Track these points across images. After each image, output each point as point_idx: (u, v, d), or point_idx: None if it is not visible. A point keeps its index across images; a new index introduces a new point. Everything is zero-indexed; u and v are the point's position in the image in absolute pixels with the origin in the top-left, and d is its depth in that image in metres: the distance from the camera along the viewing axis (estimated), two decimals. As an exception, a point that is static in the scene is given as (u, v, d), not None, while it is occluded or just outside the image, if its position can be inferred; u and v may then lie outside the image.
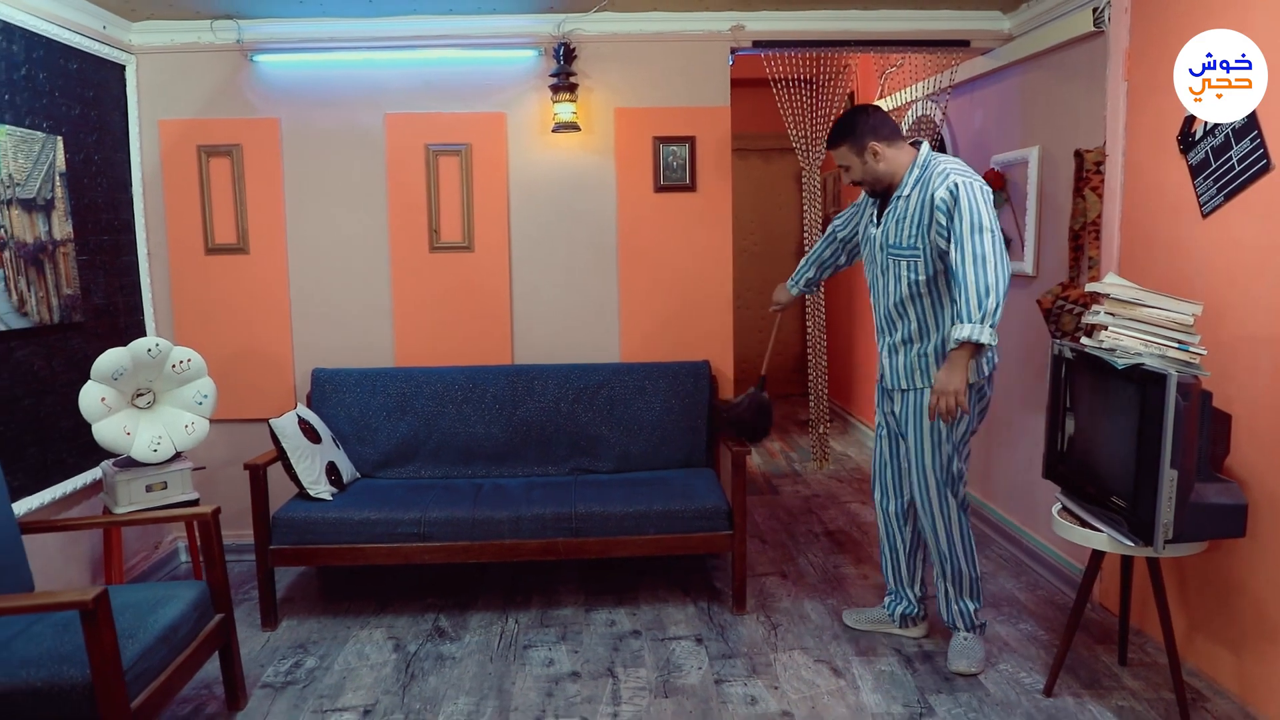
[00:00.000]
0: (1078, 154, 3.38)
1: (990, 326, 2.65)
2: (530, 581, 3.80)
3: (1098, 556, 2.76)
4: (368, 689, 2.96)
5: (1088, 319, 2.71)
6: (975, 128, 4.52)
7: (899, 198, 2.92)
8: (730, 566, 3.55)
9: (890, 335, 3.03)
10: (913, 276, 2.90)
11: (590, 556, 3.47)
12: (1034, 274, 3.85)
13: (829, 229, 3.40)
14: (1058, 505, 2.89)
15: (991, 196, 2.82)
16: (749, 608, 3.51)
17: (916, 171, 2.90)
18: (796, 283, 3.47)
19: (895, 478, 3.16)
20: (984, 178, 4.09)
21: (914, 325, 2.95)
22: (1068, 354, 2.84)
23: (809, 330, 5.47)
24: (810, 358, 5.46)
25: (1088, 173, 3.35)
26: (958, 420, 2.87)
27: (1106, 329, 2.59)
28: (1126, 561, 2.96)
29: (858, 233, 3.24)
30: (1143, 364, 2.46)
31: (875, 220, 3.04)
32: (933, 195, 2.80)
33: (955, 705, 2.80)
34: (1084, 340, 2.74)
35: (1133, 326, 2.54)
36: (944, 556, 3.03)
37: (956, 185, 2.76)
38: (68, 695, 2.14)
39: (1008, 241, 4.07)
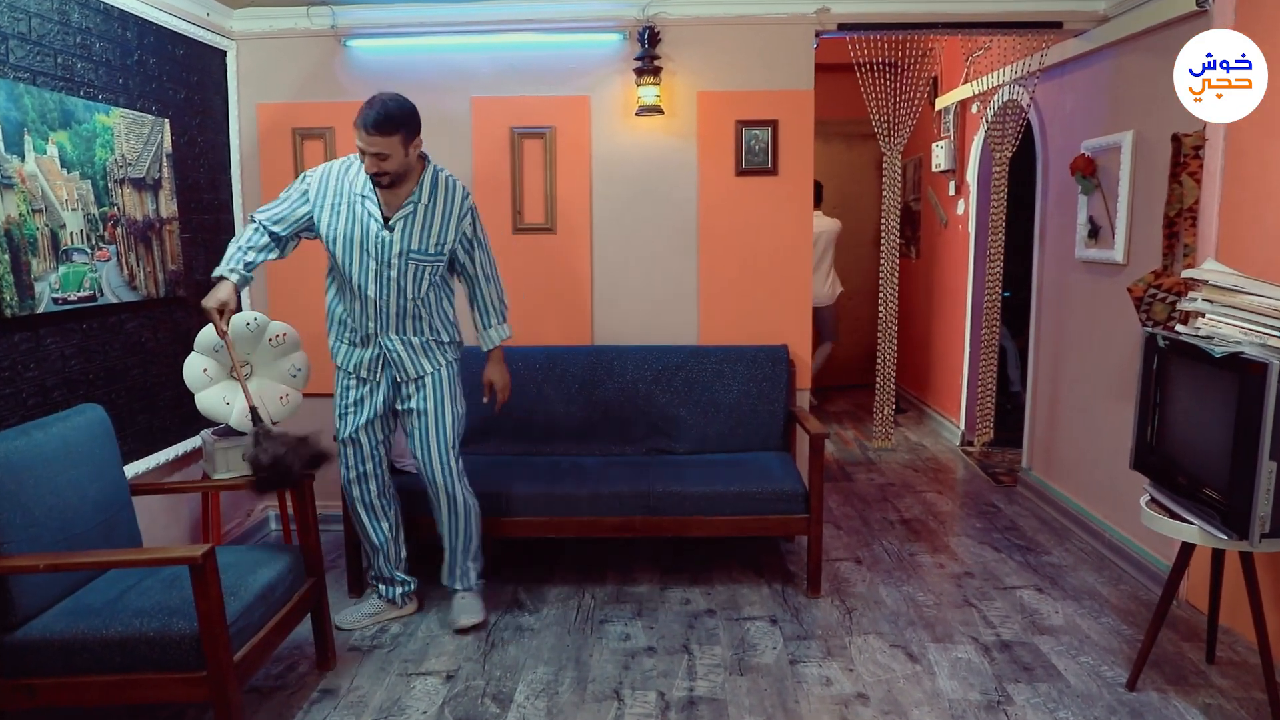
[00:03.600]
0: (1175, 138, 3.28)
1: (508, 324, 3.26)
2: (606, 559, 3.87)
3: (1187, 549, 2.70)
4: (450, 655, 3.06)
5: (1184, 306, 2.65)
6: (1065, 112, 4.41)
7: (418, 204, 3.00)
8: (805, 550, 3.56)
9: (403, 333, 3.12)
10: (433, 278, 3.10)
11: (666, 535, 3.52)
12: (1124, 262, 3.74)
13: (259, 222, 3.03)
14: (1146, 497, 2.82)
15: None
16: (823, 591, 3.51)
17: (430, 178, 3.02)
18: (235, 269, 2.92)
19: (378, 465, 3.25)
20: (1073, 163, 4.05)
21: (426, 321, 3.14)
22: (1161, 342, 2.77)
23: (880, 316, 5.42)
24: (880, 341, 5.42)
25: (1185, 157, 3.25)
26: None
27: (1204, 316, 2.52)
28: (1218, 556, 2.88)
29: (300, 236, 3.10)
30: (1242, 352, 2.39)
31: (383, 225, 2.98)
32: (458, 209, 3.06)
33: (1034, 695, 2.77)
34: (1179, 328, 2.67)
35: (1232, 314, 2.47)
36: (457, 520, 3.25)
37: (474, 206, 3.12)
38: (177, 645, 2.26)
39: (1097, 230, 4.00)
